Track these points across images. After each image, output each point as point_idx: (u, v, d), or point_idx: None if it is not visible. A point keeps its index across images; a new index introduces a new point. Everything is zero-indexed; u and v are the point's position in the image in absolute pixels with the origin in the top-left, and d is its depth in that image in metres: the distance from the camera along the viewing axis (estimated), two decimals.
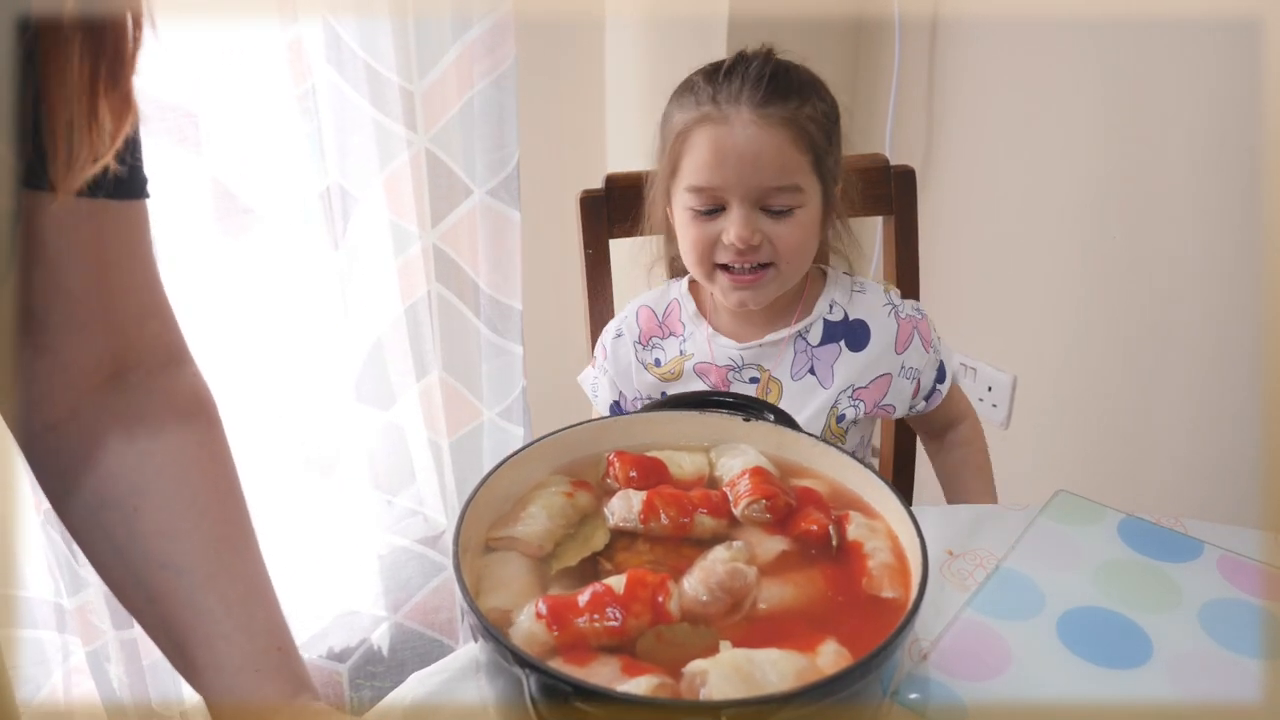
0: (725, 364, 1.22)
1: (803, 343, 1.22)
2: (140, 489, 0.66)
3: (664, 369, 1.24)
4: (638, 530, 0.81)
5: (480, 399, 1.83)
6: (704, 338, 1.24)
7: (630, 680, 0.65)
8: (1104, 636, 0.87)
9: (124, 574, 0.67)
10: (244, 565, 0.68)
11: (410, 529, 1.90)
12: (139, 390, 0.68)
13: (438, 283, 1.72)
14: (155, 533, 0.66)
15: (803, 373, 1.22)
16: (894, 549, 0.79)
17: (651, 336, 1.26)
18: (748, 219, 1.10)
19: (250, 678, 0.65)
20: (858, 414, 1.22)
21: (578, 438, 0.89)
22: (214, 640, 0.65)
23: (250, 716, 0.64)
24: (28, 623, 1.52)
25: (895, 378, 1.23)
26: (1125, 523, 1.03)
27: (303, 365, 1.71)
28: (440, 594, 1.95)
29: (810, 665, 0.67)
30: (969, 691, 0.82)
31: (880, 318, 1.23)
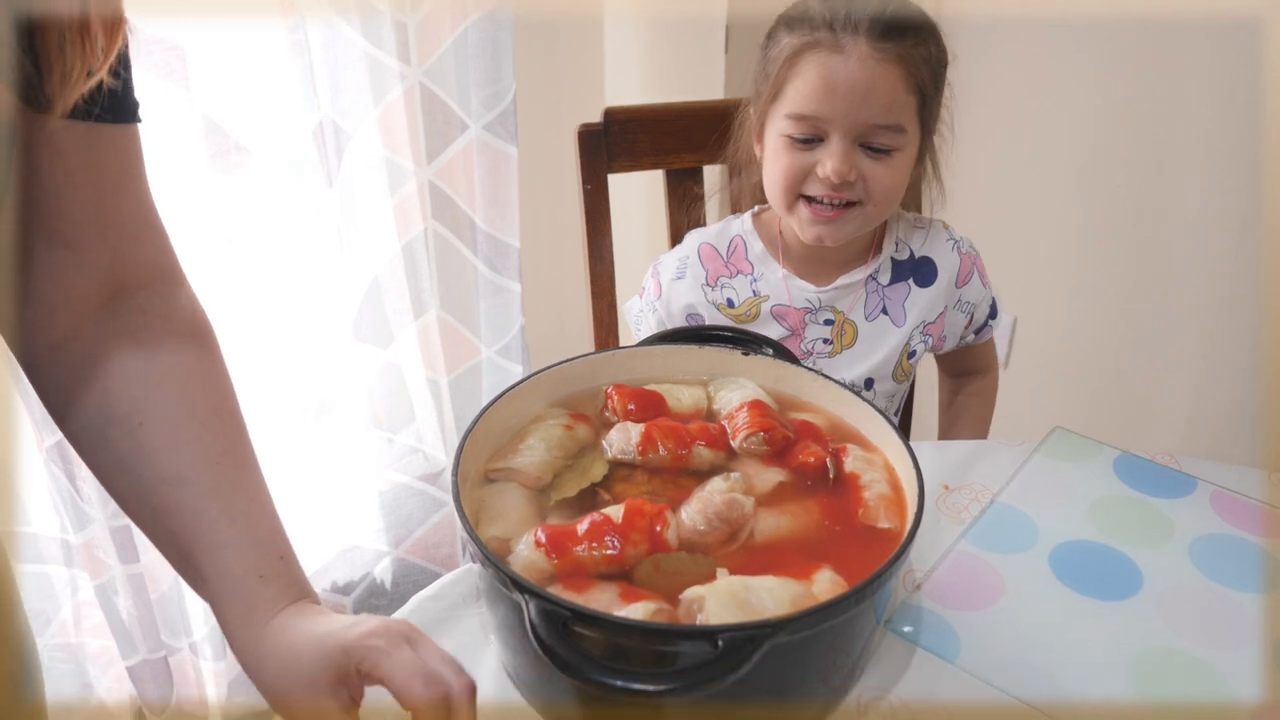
0: (802, 306, 1.19)
1: (874, 283, 1.20)
2: (142, 406, 0.67)
3: (738, 310, 1.21)
4: (636, 462, 0.81)
5: (478, 337, 1.83)
6: (778, 279, 1.20)
7: (628, 606, 0.66)
8: (1095, 569, 0.89)
9: (130, 488, 0.69)
10: (244, 478, 0.70)
11: (410, 466, 1.91)
12: (138, 311, 0.70)
13: (434, 220, 1.71)
14: (158, 447, 0.67)
15: (876, 313, 1.20)
16: (890, 481, 0.79)
17: (719, 276, 1.22)
18: (847, 154, 1.06)
19: (254, 584, 0.67)
20: (925, 349, 1.22)
21: (576, 371, 0.89)
22: (217, 549, 0.67)
23: (255, 619, 0.66)
24: (34, 558, 1.54)
25: (950, 310, 1.23)
26: (1120, 459, 1.04)
27: (300, 304, 1.70)
28: (441, 529, 1.97)
29: (806, 592, 0.68)
30: (961, 621, 0.83)
31: (945, 253, 1.22)
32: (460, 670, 0.64)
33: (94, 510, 1.46)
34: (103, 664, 1.64)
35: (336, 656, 0.62)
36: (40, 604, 1.56)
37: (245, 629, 0.66)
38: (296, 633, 0.65)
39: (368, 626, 0.63)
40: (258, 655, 0.65)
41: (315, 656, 0.63)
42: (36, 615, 1.54)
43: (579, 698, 0.70)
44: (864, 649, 0.74)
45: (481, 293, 1.78)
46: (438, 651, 0.64)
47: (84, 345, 0.68)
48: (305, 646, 0.63)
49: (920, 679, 0.77)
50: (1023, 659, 0.79)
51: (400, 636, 0.63)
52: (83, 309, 0.68)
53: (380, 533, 1.90)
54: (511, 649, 0.73)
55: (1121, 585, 0.87)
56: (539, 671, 0.71)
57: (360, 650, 0.61)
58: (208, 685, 1.73)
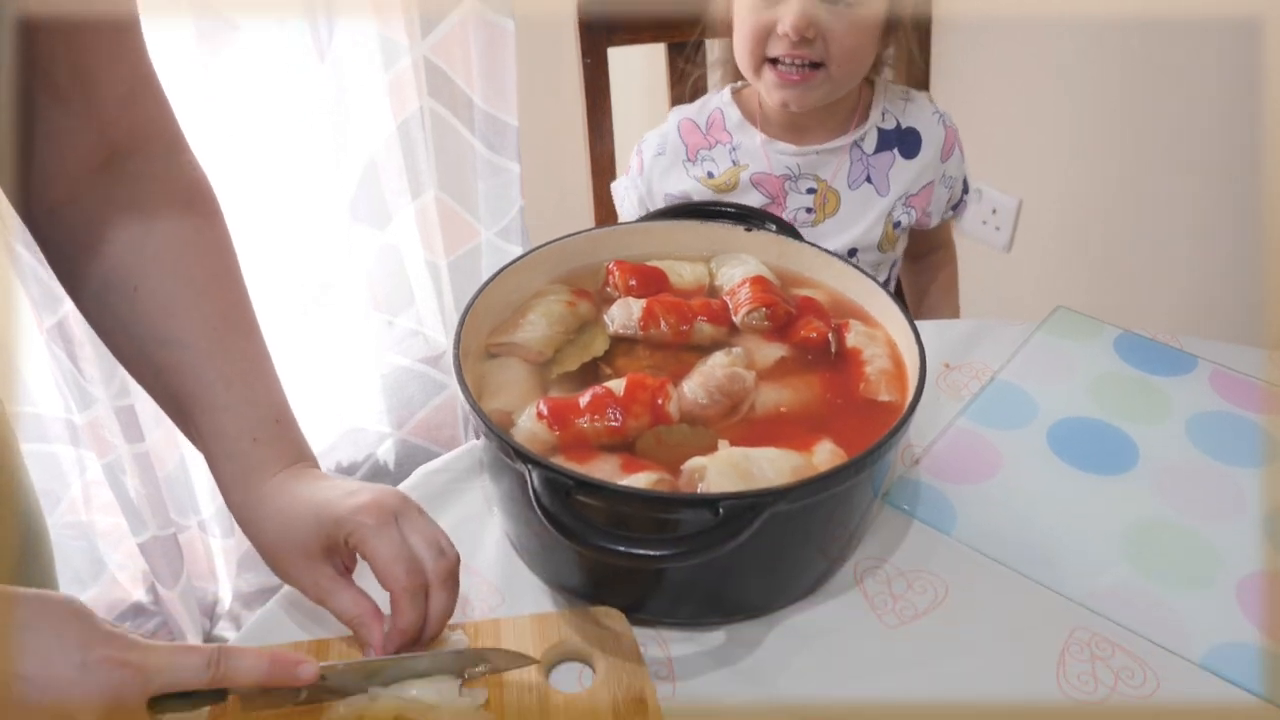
0: (782, 173, 1.19)
1: (858, 151, 1.19)
2: (139, 271, 0.67)
3: (718, 180, 1.20)
4: (637, 337, 0.81)
5: (477, 218, 1.81)
6: (757, 145, 1.19)
7: (630, 476, 0.67)
8: (1092, 445, 0.89)
9: (130, 349, 0.69)
10: (242, 343, 0.70)
11: (411, 349, 1.91)
12: (136, 176, 0.69)
13: (430, 98, 1.67)
14: (154, 311, 0.67)
15: (860, 181, 1.19)
16: (892, 356, 0.80)
17: (698, 149, 1.21)
18: (804, 7, 1.04)
19: (248, 446, 0.68)
20: (910, 220, 1.22)
21: (577, 247, 0.88)
22: (216, 411, 0.68)
23: (250, 480, 0.67)
24: (40, 438, 1.55)
25: (937, 185, 1.22)
26: (1122, 338, 1.04)
27: (295, 185, 1.68)
28: (443, 411, 1.98)
29: (806, 463, 0.69)
30: (958, 494, 0.84)
31: (930, 125, 1.21)
32: (442, 553, 0.65)
33: (97, 390, 1.47)
34: (113, 540, 1.68)
35: (329, 526, 0.63)
36: (49, 484, 1.58)
37: (242, 490, 0.67)
38: (293, 496, 0.66)
39: (360, 500, 0.64)
40: (255, 517, 0.67)
41: (310, 523, 0.64)
42: (46, 495, 1.57)
43: (582, 566, 0.71)
44: (862, 520, 0.75)
45: (480, 173, 1.75)
46: (426, 531, 0.65)
47: (83, 209, 0.67)
48: (301, 511, 0.65)
49: (916, 550, 0.79)
50: (1018, 531, 0.80)
51: (390, 513, 0.64)
52: (79, 171, 0.67)
53: (382, 415, 1.92)
54: (515, 519, 0.74)
55: (1118, 461, 0.88)
56: (543, 540, 0.72)
57: (350, 524, 0.63)
58: (217, 562, 1.78)
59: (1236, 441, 0.90)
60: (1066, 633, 0.72)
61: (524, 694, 0.65)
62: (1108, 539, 0.80)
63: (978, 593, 0.75)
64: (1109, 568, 0.77)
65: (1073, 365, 1.00)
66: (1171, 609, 0.74)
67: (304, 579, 0.65)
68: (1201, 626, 0.73)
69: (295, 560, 0.65)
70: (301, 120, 1.62)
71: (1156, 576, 0.77)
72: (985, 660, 0.70)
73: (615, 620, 0.70)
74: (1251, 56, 1.45)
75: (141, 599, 1.73)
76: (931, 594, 0.75)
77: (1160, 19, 1.55)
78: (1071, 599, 0.75)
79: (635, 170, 1.26)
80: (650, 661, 0.69)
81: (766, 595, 0.72)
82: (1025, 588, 0.76)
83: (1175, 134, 1.60)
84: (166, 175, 0.69)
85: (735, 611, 0.72)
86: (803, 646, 0.71)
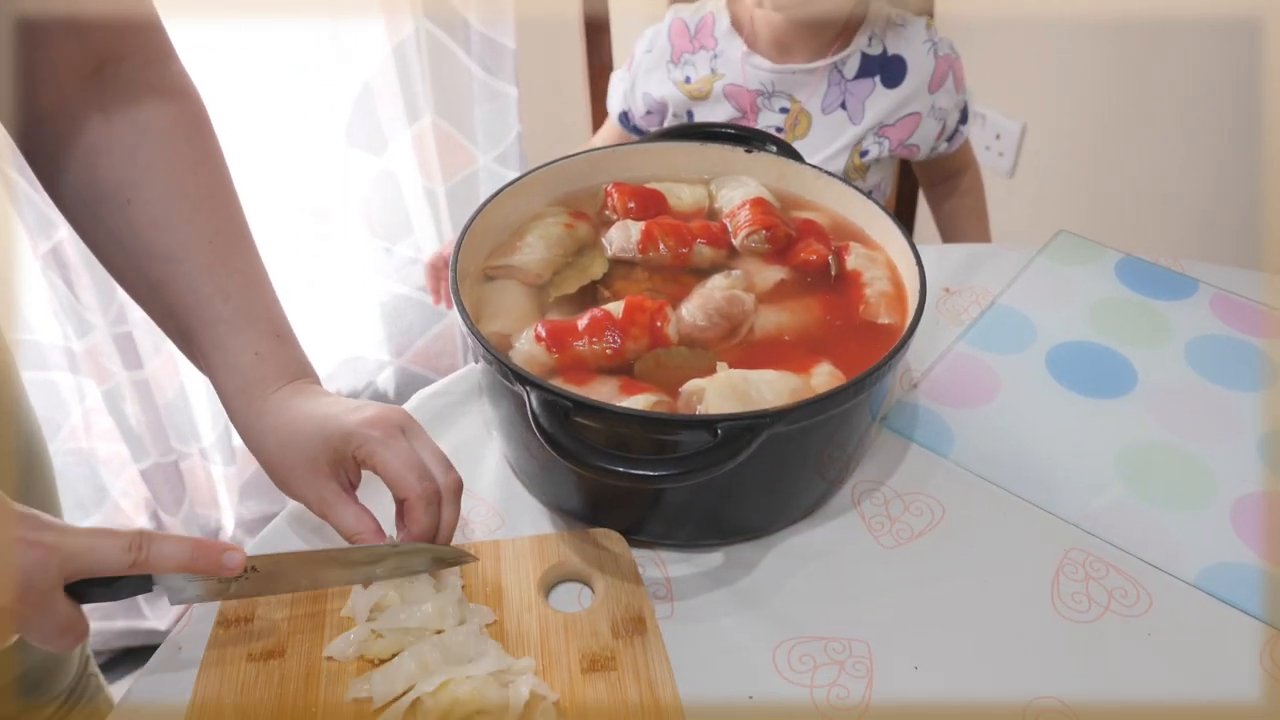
0: (756, 88, 1.17)
1: (837, 75, 1.17)
2: (132, 183, 0.66)
3: (693, 85, 1.19)
4: (636, 260, 0.81)
5: (475, 144, 1.79)
6: (738, 56, 1.18)
7: (628, 398, 0.67)
8: (1091, 368, 0.89)
9: (125, 265, 0.68)
10: (239, 258, 0.69)
11: (410, 277, 1.90)
12: (125, 84, 0.67)
13: (425, 19, 1.64)
14: (148, 224, 0.66)
15: (834, 106, 1.18)
16: (892, 279, 0.79)
17: (683, 53, 1.21)
18: None
19: (250, 360, 0.67)
20: (881, 152, 1.20)
21: (575, 169, 0.87)
22: (215, 325, 0.67)
23: (253, 394, 0.67)
24: (39, 365, 1.55)
25: (924, 118, 1.20)
26: (1123, 262, 1.03)
27: (289, 108, 1.65)
28: (442, 339, 1.98)
29: (804, 385, 0.69)
30: (955, 418, 0.84)
31: (919, 54, 1.18)
32: (450, 467, 0.66)
33: (94, 317, 1.46)
34: (115, 468, 1.68)
35: (336, 441, 0.63)
36: (49, 411, 1.59)
37: (245, 404, 0.67)
38: (297, 411, 0.66)
39: (367, 414, 0.64)
40: (258, 430, 0.66)
41: (315, 438, 0.64)
42: (46, 422, 1.56)
43: (581, 488, 0.71)
44: (860, 443, 0.75)
45: (477, 97, 1.72)
46: (431, 446, 0.66)
47: (73, 118, 0.65)
48: (306, 426, 0.64)
49: (914, 472, 0.79)
50: (1014, 454, 0.81)
51: (396, 427, 0.64)
52: (67, 78, 0.65)
53: (382, 343, 1.92)
54: (514, 442, 0.75)
55: (1116, 384, 0.88)
56: (542, 463, 0.72)
57: (359, 438, 0.63)
58: (219, 489, 1.79)
59: (1235, 365, 0.90)
60: (1061, 553, 0.73)
61: (523, 614, 0.66)
62: (1104, 461, 0.80)
63: (974, 515, 0.76)
64: (1105, 490, 0.78)
65: (1073, 290, 0.99)
66: (1166, 530, 0.75)
67: (309, 493, 0.65)
68: (1195, 547, 0.73)
69: (300, 474, 0.65)
70: (295, 43, 1.59)
71: (1152, 498, 0.77)
72: (980, 581, 0.71)
73: (614, 542, 0.71)
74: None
75: (145, 526, 1.75)
76: (928, 516, 0.75)
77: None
78: (1067, 520, 0.75)
79: (628, 63, 1.26)
80: (649, 582, 0.70)
81: (764, 517, 0.73)
82: (1021, 510, 0.76)
83: (1178, 57, 1.57)
84: (157, 84, 0.68)
85: (733, 533, 0.73)
86: (800, 567, 0.72)
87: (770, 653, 0.66)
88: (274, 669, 0.63)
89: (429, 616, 0.62)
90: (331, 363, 1.88)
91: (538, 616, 0.66)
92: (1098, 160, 1.77)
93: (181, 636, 0.67)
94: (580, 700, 0.61)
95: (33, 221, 1.36)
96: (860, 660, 0.65)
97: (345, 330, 1.88)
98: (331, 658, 0.63)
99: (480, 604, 0.66)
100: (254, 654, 0.64)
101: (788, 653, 0.66)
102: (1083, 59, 1.72)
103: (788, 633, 0.67)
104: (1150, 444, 0.82)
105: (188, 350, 0.70)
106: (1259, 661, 0.66)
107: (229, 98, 1.54)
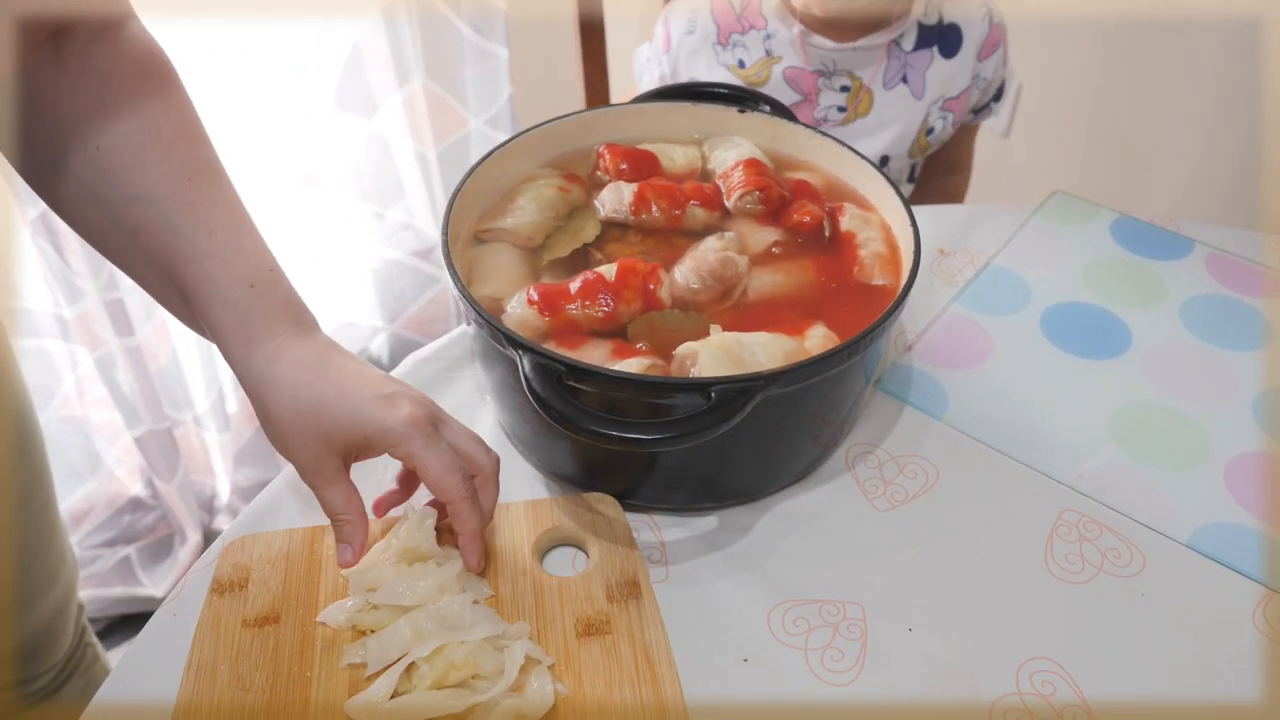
0: (817, 69, 1.13)
1: (897, 49, 1.13)
2: (96, 129, 0.62)
3: (749, 71, 1.14)
4: (629, 222, 0.80)
5: (466, 106, 1.77)
6: (793, 36, 1.13)
7: (621, 362, 0.66)
8: (1085, 329, 0.89)
9: (100, 217, 0.64)
10: (219, 194, 0.65)
11: (402, 242, 1.89)
12: (82, 40, 0.62)
13: None
14: (121, 167, 0.62)
15: (895, 81, 1.14)
16: (886, 240, 0.78)
17: (730, 32, 1.14)
18: None
19: (245, 294, 0.63)
20: (945, 128, 1.16)
21: (566, 130, 0.86)
22: (202, 260, 0.63)
23: (255, 335, 0.63)
24: (30, 332, 1.54)
25: (972, 86, 1.17)
26: (1118, 222, 1.02)
27: (278, 71, 1.63)
28: (435, 305, 1.97)
29: (798, 347, 0.68)
30: (949, 379, 0.84)
31: (974, 19, 1.14)
32: (487, 448, 0.65)
33: (85, 283, 1.45)
34: (109, 435, 1.68)
35: (370, 431, 0.61)
36: (42, 379, 1.58)
37: (244, 343, 0.63)
38: (313, 374, 0.62)
39: (403, 413, 0.61)
40: (263, 378, 0.62)
41: (344, 419, 0.61)
42: (40, 390, 1.56)
43: (574, 452, 0.71)
44: (854, 405, 0.75)
45: (468, 59, 1.70)
46: (464, 432, 0.65)
47: (29, 75, 0.61)
48: (333, 400, 0.61)
49: (908, 435, 0.79)
50: (1009, 416, 0.81)
51: (432, 424, 0.63)
52: (22, 48, 0.60)
53: (374, 308, 1.91)
54: (507, 407, 0.74)
55: (1110, 345, 0.88)
56: (535, 427, 0.72)
57: (397, 436, 0.61)
58: (214, 456, 1.79)
59: (1230, 325, 0.90)
60: (1055, 515, 0.73)
61: (518, 579, 0.66)
62: (1098, 422, 0.80)
63: (968, 477, 0.76)
64: (1098, 450, 0.78)
65: (1068, 250, 0.98)
66: (1159, 490, 0.75)
67: (309, 462, 0.62)
68: (1189, 507, 0.73)
69: (307, 442, 0.62)
70: (283, 3, 1.57)
71: (1145, 459, 0.77)
72: (974, 543, 0.71)
73: (608, 506, 0.71)
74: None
75: (140, 493, 1.75)
76: (922, 478, 0.75)
77: None
78: (1061, 482, 0.75)
79: (661, 44, 1.19)
80: (643, 546, 0.70)
81: (758, 480, 0.73)
82: (1015, 471, 0.76)
83: (1176, 13, 1.55)
84: (118, 40, 0.63)
85: (727, 496, 0.73)
86: (794, 530, 0.72)
87: (765, 615, 0.66)
88: (269, 635, 0.63)
89: (428, 592, 0.62)
90: (324, 328, 1.87)
91: (532, 581, 0.66)
92: (1093, 120, 1.76)
93: (176, 603, 0.67)
94: (575, 664, 0.61)
95: (21, 187, 1.34)
96: (854, 622, 0.66)
97: (337, 296, 1.87)
98: (324, 624, 0.63)
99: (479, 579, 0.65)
100: (248, 620, 0.64)
101: (782, 615, 0.66)
102: (1079, 17, 1.70)
103: (782, 595, 0.67)
104: (1144, 404, 0.82)
105: (176, 300, 0.65)
106: (1251, 621, 0.66)
107: (216, 60, 1.52)
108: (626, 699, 0.59)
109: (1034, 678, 0.62)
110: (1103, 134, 1.75)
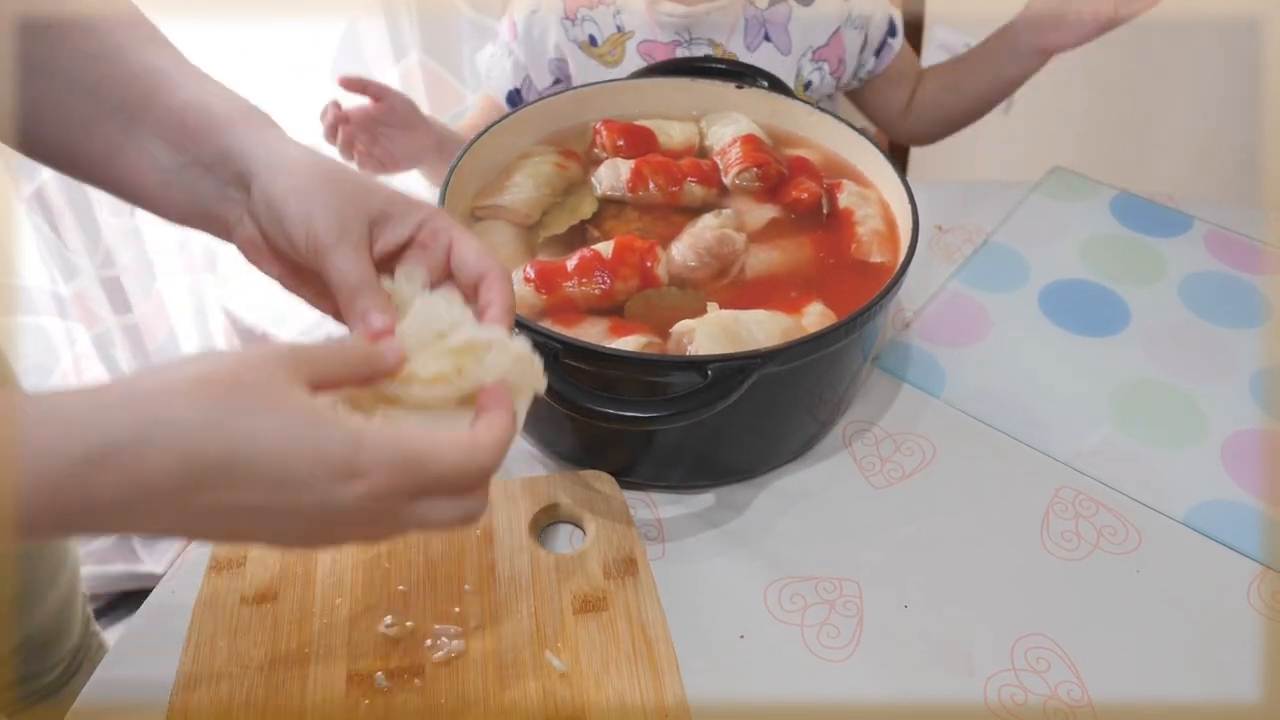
0: (671, 39, 1.06)
1: (752, 9, 1.07)
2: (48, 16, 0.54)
3: (601, 49, 1.07)
4: (626, 199, 0.79)
5: (463, 83, 1.76)
6: (641, 7, 1.05)
7: (618, 339, 0.66)
8: (1083, 307, 0.89)
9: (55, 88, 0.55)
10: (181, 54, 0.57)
11: None
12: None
13: None
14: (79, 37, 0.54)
15: (758, 42, 1.08)
16: (885, 217, 0.78)
17: (577, 8, 1.07)
18: None
19: (245, 103, 0.56)
20: (823, 78, 1.10)
21: (562, 107, 0.85)
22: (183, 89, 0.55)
23: (267, 130, 0.56)
24: (28, 310, 1.54)
25: (844, 28, 1.09)
26: (1118, 199, 1.02)
27: (274, 46, 1.62)
28: None
29: (796, 325, 0.68)
30: (947, 357, 0.84)
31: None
32: None
33: (81, 260, 1.45)
34: None
35: (397, 196, 0.56)
36: (40, 357, 1.57)
37: (261, 131, 0.55)
38: (322, 160, 0.55)
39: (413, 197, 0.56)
40: (284, 147, 0.55)
41: (370, 181, 0.55)
42: (38, 368, 1.56)
43: (572, 430, 0.71)
44: (851, 383, 0.75)
45: (465, 35, 1.69)
46: None
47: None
48: (351, 178, 0.55)
49: (905, 412, 0.79)
50: (1006, 393, 0.80)
51: None
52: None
53: None
54: None
55: (1109, 322, 0.87)
56: (532, 406, 0.72)
57: (428, 211, 0.56)
58: None
59: (1229, 302, 0.90)
60: (1052, 492, 0.73)
61: (515, 556, 0.66)
62: (1095, 400, 0.80)
63: (965, 454, 0.76)
64: (1095, 428, 0.78)
65: (1067, 227, 0.98)
66: (1156, 468, 0.75)
67: (331, 220, 0.53)
68: (1185, 485, 0.73)
69: (330, 199, 0.53)
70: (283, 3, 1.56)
71: (1142, 436, 0.77)
72: (971, 520, 0.71)
73: (605, 483, 0.71)
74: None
75: None
76: (919, 455, 0.76)
77: None
78: (1057, 459, 0.75)
79: (508, 34, 1.11)
80: (640, 523, 0.70)
81: (755, 458, 0.73)
82: (1012, 449, 0.76)
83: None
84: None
85: (724, 474, 0.73)
86: (791, 508, 0.72)
87: (761, 592, 0.66)
88: (267, 612, 0.63)
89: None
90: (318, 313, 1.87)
91: (529, 558, 0.66)
92: (1094, 97, 1.75)
93: (175, 580, 0.67)
94: (572, 641, 0.61)
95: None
96: (851, 599, 0.66)
97: None
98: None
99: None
100: (247, 597, 0.64)
101: (779, 592, 0.66)
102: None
103: (779, 573, 0.67)
104: (1142, 382, 0.82)
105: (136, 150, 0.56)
106: (1246, 597, 0.66)
107: (211, 35, 1.51)
108: (623, 675, 0.59)
109: (1029, 654, 0.63)
110: (1103, 111, 1.74)
